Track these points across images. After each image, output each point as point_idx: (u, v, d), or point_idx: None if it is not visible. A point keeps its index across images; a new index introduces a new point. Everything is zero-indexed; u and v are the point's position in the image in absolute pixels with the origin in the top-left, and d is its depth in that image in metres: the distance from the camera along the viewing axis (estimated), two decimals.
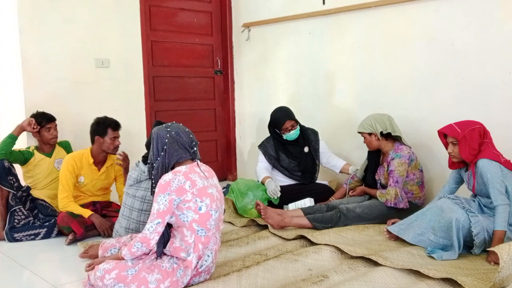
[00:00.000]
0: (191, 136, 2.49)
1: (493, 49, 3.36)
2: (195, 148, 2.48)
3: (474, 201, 2.91)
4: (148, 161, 2.53)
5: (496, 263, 2.51)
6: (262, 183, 3.85)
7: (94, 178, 3.55)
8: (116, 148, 3.51)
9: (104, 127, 3.46)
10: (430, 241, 2.83)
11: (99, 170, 3.56)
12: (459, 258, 2.71)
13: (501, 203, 2.70)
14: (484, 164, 2.77)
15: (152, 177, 2.46)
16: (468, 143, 2.82)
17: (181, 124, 2.54)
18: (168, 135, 2.43)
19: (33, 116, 3.58)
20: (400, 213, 3.34)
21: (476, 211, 2.80)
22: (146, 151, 3.17)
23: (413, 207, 3.36)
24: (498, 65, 3.34)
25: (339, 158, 4.03)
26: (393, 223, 3.13)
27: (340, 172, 3.98)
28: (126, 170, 3.44)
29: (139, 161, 3.18)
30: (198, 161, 2.50)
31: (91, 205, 3.56)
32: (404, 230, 2.96)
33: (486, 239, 2.72)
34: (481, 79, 3.43)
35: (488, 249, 2.61)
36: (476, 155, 2.82)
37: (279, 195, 3.71)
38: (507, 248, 2.34)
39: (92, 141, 3.50)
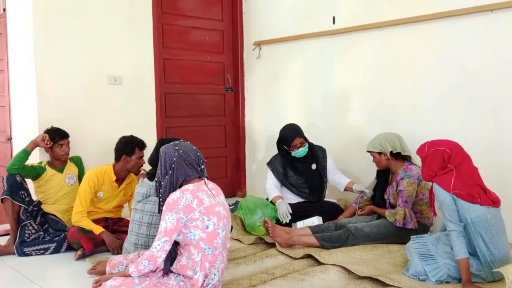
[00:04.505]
0: (198, 154, 2.51)
1: (503, 69, 3.35)
2: (202, 166, 2.50)
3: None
4: (156, 179, 2.55)
5: None
6: (272, 202, 3.84)
7: (113, 194, 3.59)
8: (139, 167, 3.56)
9: (132, 147, 3.49)
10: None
11: (119, 186, 3.59)
12: None
13: (452, 230, 2.61)
14: (435, 188, 2.71)
15: (160, 195, 2.48)
16: (428, 164, 2.76)
17: (188, 142, 2.57)
18: (176, 154, 2.45)
19: (47, 131, 3.63)
20: (409, 233, 3.31)
21: (438, 251, 2.73)
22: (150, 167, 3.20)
23: (422, 228, 3.34)
24: (508, 86, 3.33)
25: (344, 176, 4.00)
26: None
27: (344, 190, 3.96)
28: None
29: (142, 179, 3.20)
30: (206, 179, 2.52)
31: (103, 221, 3.57)
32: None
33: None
34: (491, 99, 3.42)
35: (494, 269, 2.55)
36: (432, 177, 2.75)
37: (288, 220, 3.69)
38: None
39: (117, 159, 3.51)
